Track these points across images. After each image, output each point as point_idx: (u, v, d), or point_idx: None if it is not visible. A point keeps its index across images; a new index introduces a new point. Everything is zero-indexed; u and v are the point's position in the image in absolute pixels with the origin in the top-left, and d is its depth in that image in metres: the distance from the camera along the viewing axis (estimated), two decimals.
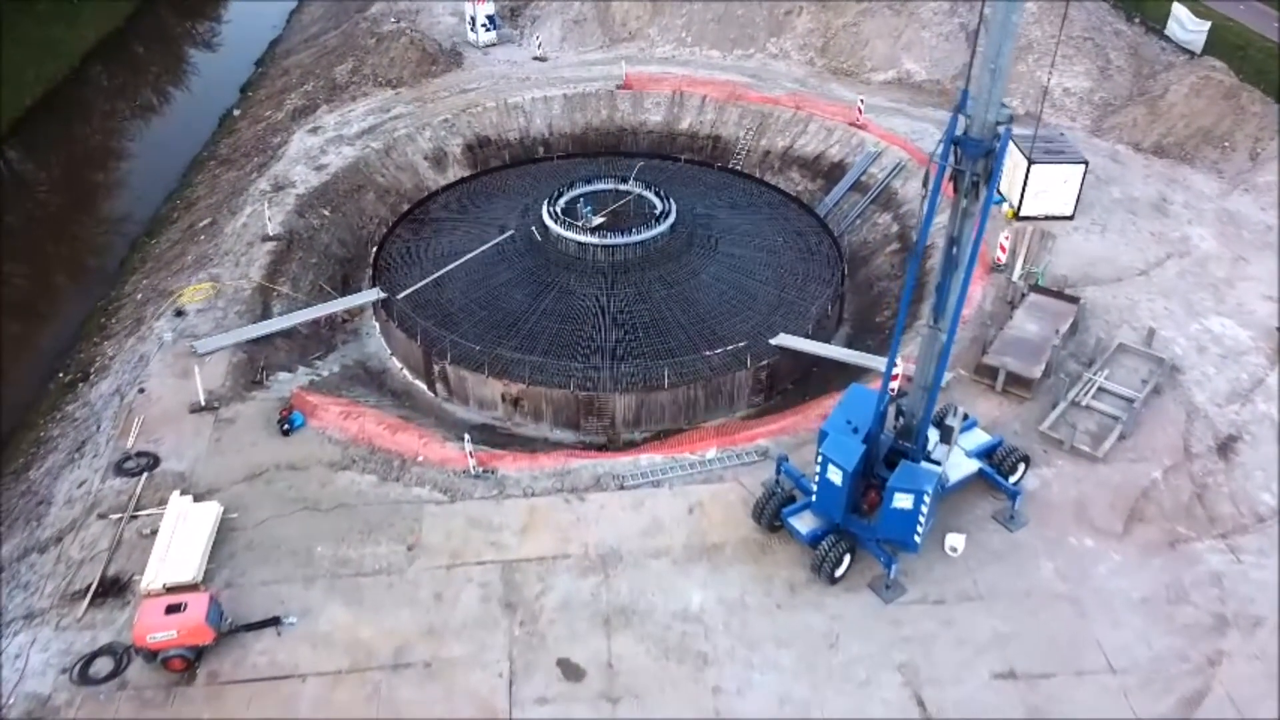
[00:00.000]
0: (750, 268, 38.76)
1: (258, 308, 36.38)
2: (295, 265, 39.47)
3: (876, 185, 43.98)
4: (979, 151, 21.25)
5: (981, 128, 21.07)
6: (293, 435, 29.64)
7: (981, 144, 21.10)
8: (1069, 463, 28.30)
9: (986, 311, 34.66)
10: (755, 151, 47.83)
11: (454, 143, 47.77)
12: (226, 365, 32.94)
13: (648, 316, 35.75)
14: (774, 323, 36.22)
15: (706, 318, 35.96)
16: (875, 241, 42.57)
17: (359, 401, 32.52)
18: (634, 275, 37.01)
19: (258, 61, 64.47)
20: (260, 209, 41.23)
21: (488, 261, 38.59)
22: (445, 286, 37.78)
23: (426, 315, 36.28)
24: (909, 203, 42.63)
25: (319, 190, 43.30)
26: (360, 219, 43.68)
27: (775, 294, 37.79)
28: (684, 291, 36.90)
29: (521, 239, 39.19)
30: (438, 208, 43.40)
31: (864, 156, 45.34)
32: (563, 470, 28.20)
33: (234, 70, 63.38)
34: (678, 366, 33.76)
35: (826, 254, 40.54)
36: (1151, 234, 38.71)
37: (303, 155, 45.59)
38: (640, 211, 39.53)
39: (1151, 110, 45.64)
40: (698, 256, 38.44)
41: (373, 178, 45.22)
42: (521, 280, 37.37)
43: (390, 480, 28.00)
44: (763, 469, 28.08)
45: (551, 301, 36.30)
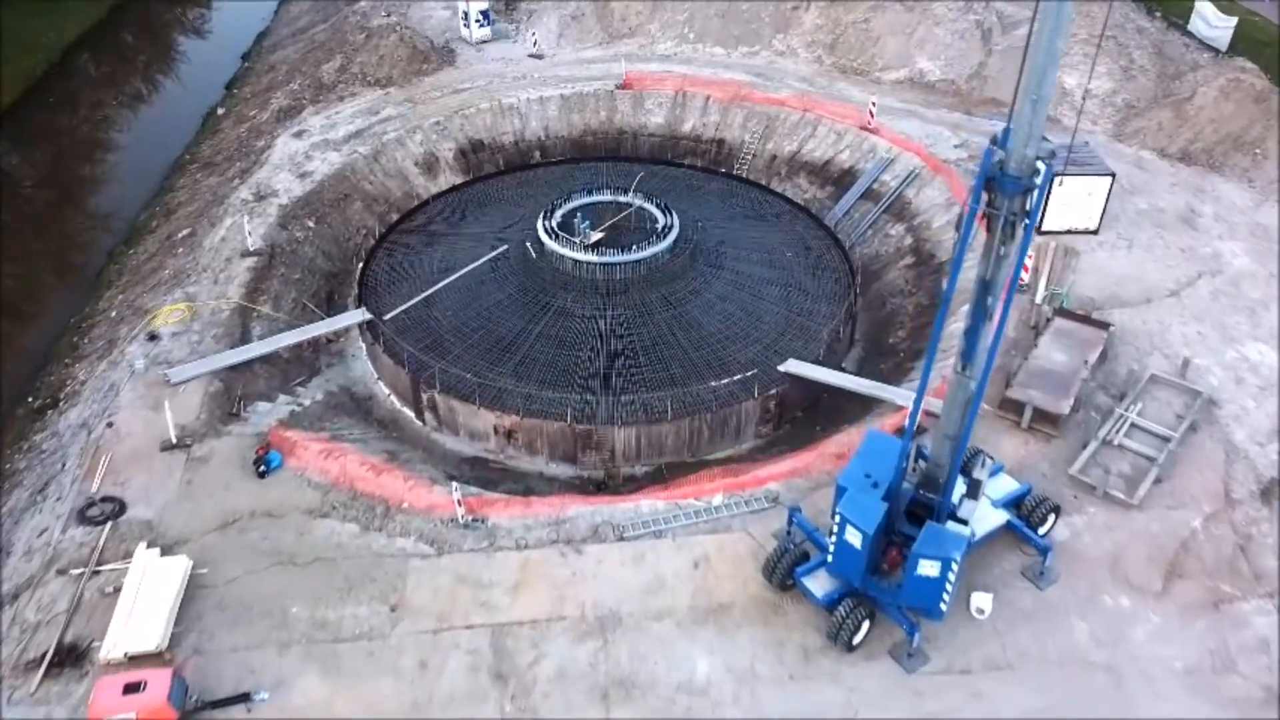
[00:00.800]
0: (757, 285, 36.72)
1: (236, 330, 34.35)
2: (277, 282, 37.40)
3: (889, 194, 41.86)
4: (1016, 190, 19.18)
5: (1020, 163, 19.00)
6: (269, 477, 27.69)
7: (1019, 182, 19.03)
8: (1101, 510, 26.36)
9: (1009, 338, 32.57)
10: (761, 156, 45.65)
11: (446, 147, 45.59)
12: (201, 395, 30.96)
13: (649, 340, 33.75)
14: (782, 345, 34.24)
15: (710, 341, 33.97)
16: (888, 254, 40.48)
17: (341, 437, 30.55)
18: (634, 295, 34.99)
19: (244, 56, 62.19)
20: (241, 220, 39.12)
21: (480, 279, 36.56)
22: (435, 306, 35.78)
23: (414, 338, 34.30)
24: (923, 213, 40.54)
25: (303, 200, 41.17)
26: (346, 230, 41.56)
27: (783, 314, 35.79)
28: (687, 312, 34.88)
29: (515, 255, 37.13)
30: (427, 219, 41.31)
31: (875, 163, 43.19)
32: (558, 519, 26.26)
33: (220, 65, 61.10)
34: (681, 396, 31.80)
35: (837, 269, 38.52)
36: (1181, 250, 36.63)
37: (287, 161, 43.44)
38: (641, 225, 37.44)
39: (1178, 114, 43.45)
40: (701, 273, 36.39)
41: (360, 185, 43.09)
42: (515, 300, 35.35)
43: (372, 530, 26.08)
44: (773, 517, 26.15)
45: (547, 324, 34.29)
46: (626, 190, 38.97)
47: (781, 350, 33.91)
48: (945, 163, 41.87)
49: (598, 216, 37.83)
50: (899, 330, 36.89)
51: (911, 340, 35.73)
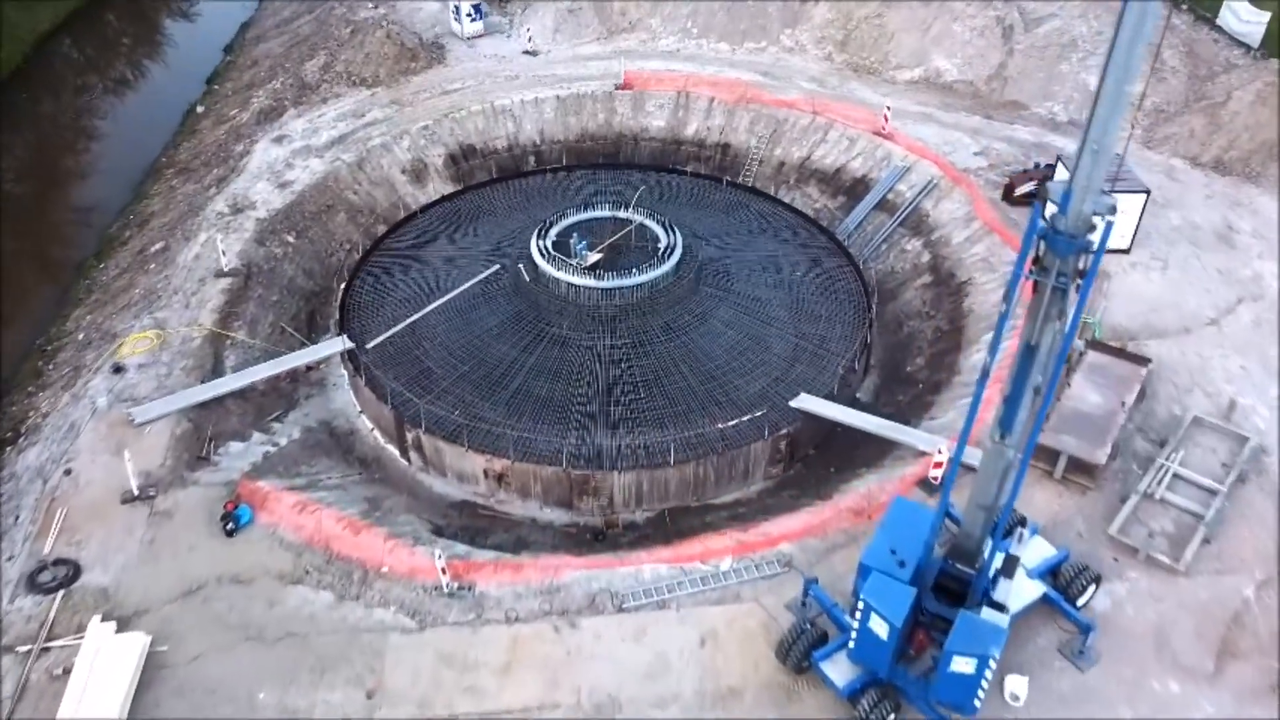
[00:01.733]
0: (765, 310, 34.36)
1: (208, 361, 32.05)
2: (253, 305, 35.05)
3: (905, 205, 39.42)
4: (1070, 250, 16.81)
5: (1075, 220, 16.61)
6: (239, 535, 25.49)
7: (1074, 241, 16.66)
8: (1144, 575, 24.17)
9: None
10: (769, 162, 43.16)
11: (435, 153, 43.09)
12: (168, 436, 28.74)
13: (650, 372, 31.45)
14: (793, 377, 31.95)
15: (716, 374, 31.66)
16: (904, 271, 38.11)
17: (318, 483, 28.33)
18: (635, 322, 32.65)
19: (227, 48, 59.38)
20: (217, 237, 36.72)
21: (470, 302, 34.20)
22: (422, 332, 33.44)
23: (399, 369, 32.01)
24: (942, 227, 38.12)
25: (283, 213, 38.74)
26: (329, 245, 39.15)
27: (793, 341, 33.45)
28: (691, 340, 32.55)
29: (508, 276, 34.73)
30: (414, 235, 38.85)
31: (890, 172, 40.71)
32: (551, 586, 24.05)
33: (201, 58, 58.30)
34: (685, 438, 29.53)
35: (851, 290, 36.13)
36: (1219, 271, 34.25)
37: (266, 169, 40.96)
38: (642, 243, 35.02)
39: (1211, 119, 40.92)
40: (706, 297, 34.02)
41: (344, 195, 40.64)
42: (508, 327, 33.00)
43: (349, 599, 23.88)
44: (787, 584, 23.96)
45: (542, 354, 31.96)
46: (626, 205, 36.50)
47: (792, 383, 31.63)
48: (964, 172, 39.41)
49: (595, 235, 35.40)
50: (917, 357, 34.58)
51: (931, 370, 33.44)
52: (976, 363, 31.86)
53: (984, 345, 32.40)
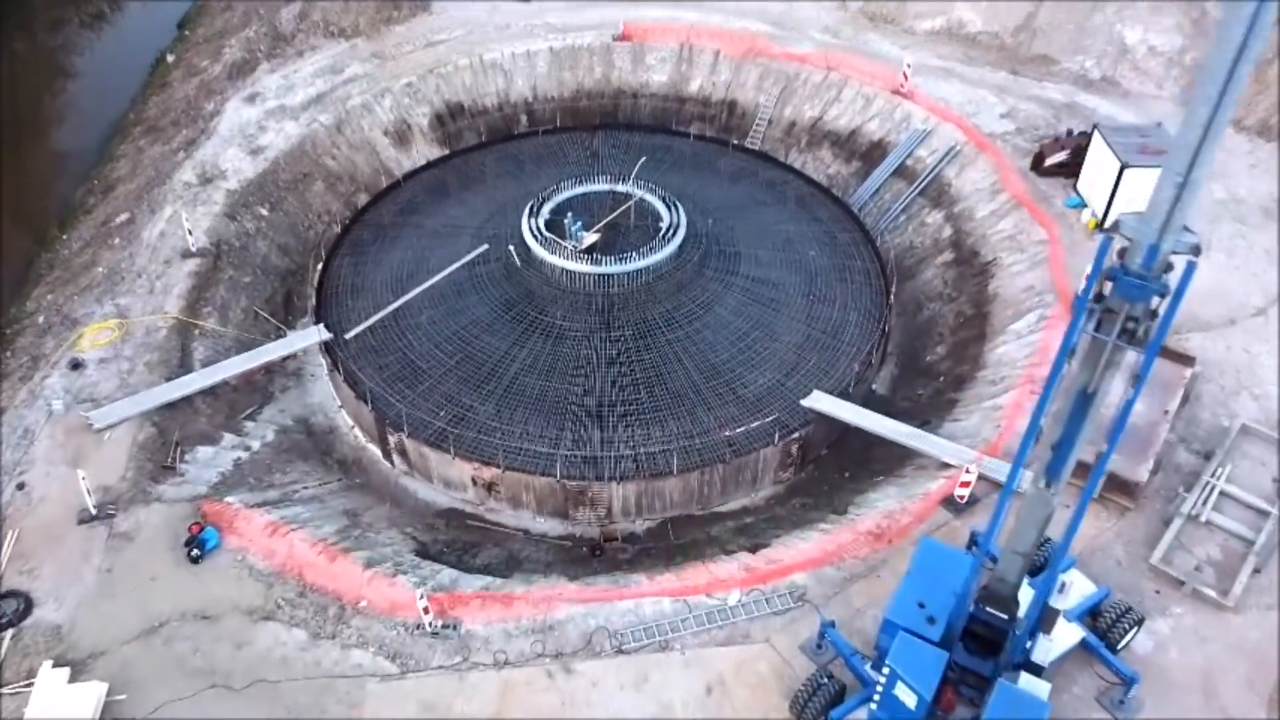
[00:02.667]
0: (775, 295, 31.86)
1: (174, 354, 29.73)
2: (223, 288, 32.59)
3: (925, 172, 36.64)
4: (1142, 296, 14.42)
5: (1150, 260, 14.17)
6: (204, 561, 23.45)
7: (1146, 285, 14.24)
8: (1190, 611, 22.21)
9: (1072, 370, 27.93)
10: (778, 123, 40.22)
11: (419, 112, 40.11)
12: (130, 442, 26.63)
13: (651, 369, 29.12)
14: (805, 371, 29.65)
15: (722, 369, 29.33)
16: (923, 247, 35.53)
17: (292, 496, 26.26)
18: (634, 312, 30.21)
19: None
20: (184, 210, 34.09)
21: (457, 288, 31.68)
22: (405, 321, 31.00)
23: (380, 364, 29.70)
24: (965, 199, 35.41)
25: (255, 183, 36.01)
26: (306, 217, 36.52)
27: (806, 330, 31.04)
28: (695, 331, 30.14)
29: (498, 256, 32.16)
30: (397, 207, 36.14)
31: (910, 136, 37.82)
32: (544, 623, 22.09)
33: None
34: (688, 445, 27.38)
35: (866, 271, 33.58)
36: (1266, 251, 31.71)
37: (237, 133, 38.04)
38: (642, 221, 32.37)
39: (1257, 78, 37.73)
40: (711, 282, 31.50)
41: (321, 161, 37.83)
42: (498, 317, 30.54)
43: (324, 638, 21.93)
44: (800, 621, 22.00)
45: (534, 347, 29.59)
46: (625, 178, 33.73)
47: (805, 378, 29.33)
48: (990, 137, 36.54)
49: (591, 211, 32.75)
50: (937, 345, 32.22)
51: (953, 361, 31.10)
52: (1002, 356, 29.56)
53: (1010, 336, 30.09)
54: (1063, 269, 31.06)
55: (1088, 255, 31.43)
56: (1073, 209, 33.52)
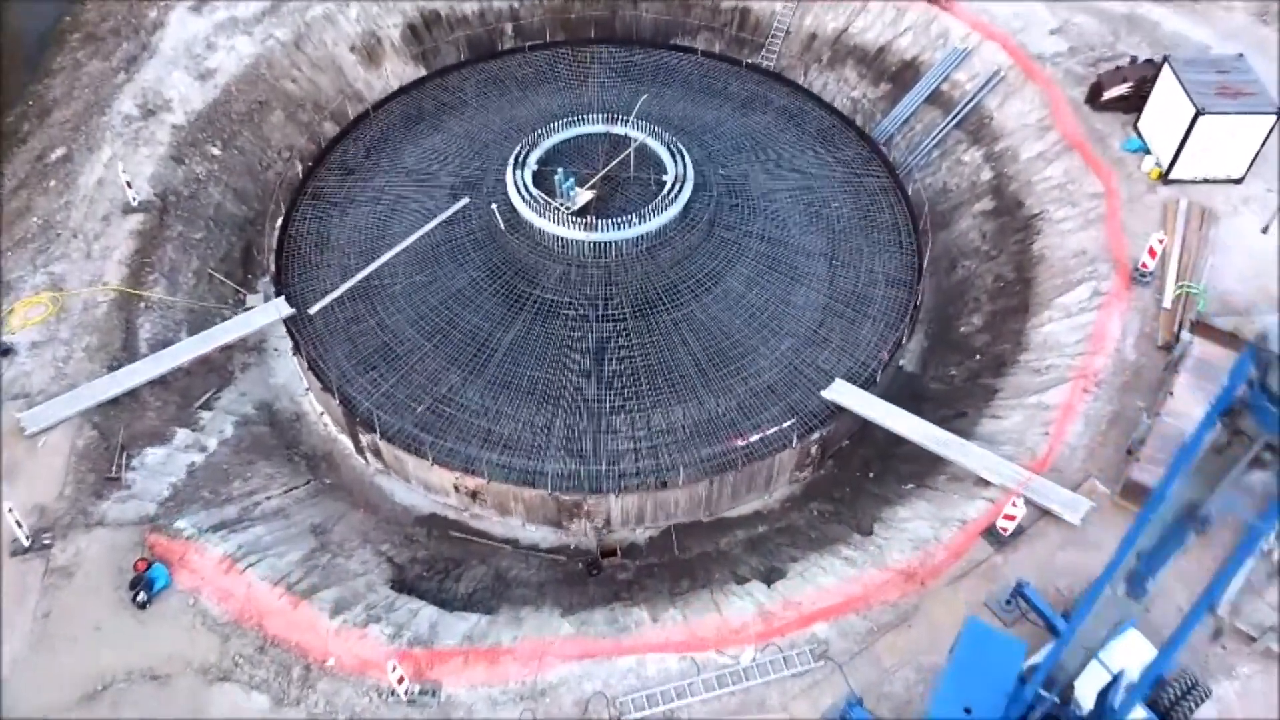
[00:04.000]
0: (792, 259, 28.28)
1: (116, 334, 26.42)
2: (171, 248, 28.94)
3: (962, 101, 32.39)
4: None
5: None
6: (153, 605, 20.88)
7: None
8: (1260, 673, 19.81)
9: (1129, 362, 24.80)
10: (797, 35, 35.56)
11: (390, 24, 35.34)
12: (68, 450, 23.70)
13: (653, 353, 25.91)
14: (826, 351, 26.48)
15: (732, 353, 26.11)
16: (958, 191, 31.65)
17: (253, 510, 23.52)
18: (634, 284, 26.75)
19: None
20: (124, 152, 30.11)
21: (434, 251, 28.08)
22: (375, 291, 27.57)
23: (348, 346, 26.44)
24: (1008, 135, 31.32)
25: (204, 116, 31.80)
26: (264, 154, 32.41)
27: (825, 300, 27.64)
28: (703, 309, 26.75)
29: (480, 213, 28.41)
30: (365, 144, 32.02)
31: (946, 55, 33.33)
32: (534, 687, 19.68)
33: None
34: (695, 443, 24.49)
35: (895, 224, 29.88)
36: None
37: (183, 51, 33.45)
38: (643, 171, 28.47)
39: None
40: (721, 246, 27.86)
41: (280, 86, 33.42)
42: (480, 289, 27.08)
43: (288, 703, 19.55)
44: (822, 685, 19.59)
45: (522, 328, 26.28)
46: (623, 116, 29.56)
47: (826, 362, 26.17)
48: (1039, 60, 32.10)
49: (585, 159, 28.79)
50: (973, 314, 28.85)
51: (991, 335, 27.81)
52: (1048, 337, 26.27)
53: (1058, 312, 26.71)
54: (1120, 232, 27.39)
55: (1149, 214, 27.90)
56: (1132, 153, 29.50)
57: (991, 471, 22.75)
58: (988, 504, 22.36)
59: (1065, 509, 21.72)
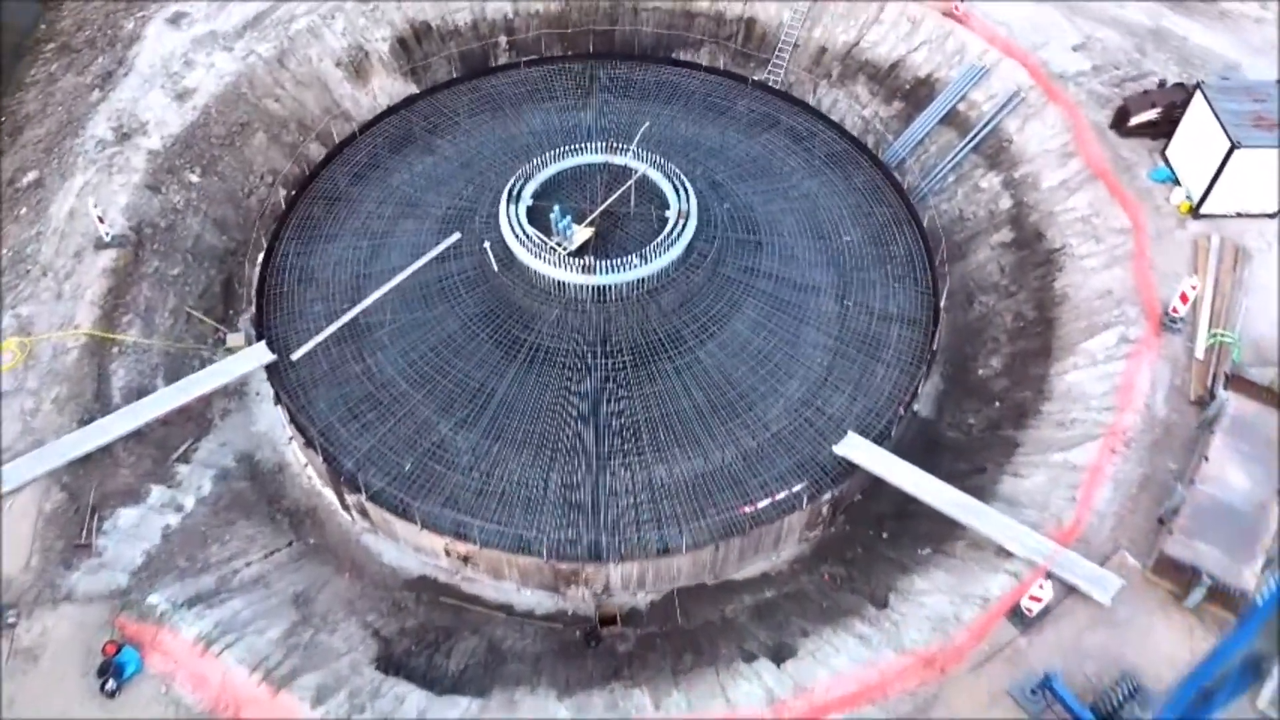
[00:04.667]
0: (802, 300, 26.81)
1: (88, 382, 25.07)
2: (147, 286, 27.49)
3: (980, 123, 30.80)
4: None
5: None
6: (122, 695, 19.63)
7: None
8: None
9: (1160, 418, 23.40)
10: (806, 48, 33.89)
11: (378, 36, 33.68)
12: (35, 514, 22.39)
13: (655, 405, 24.51)
14: (838, 400, 25.06)
15: (739, 404, 24.70)
16: (975, 220, 30.13)
17: (234, 578, 22.23)
18: (635, 329, 25.30)
19: None
20: (97, 180, 28.60)
21: (424, 290, 26.61)
22: (362, 334, 26.15)
23: (333, 396, 25.05)
24: (1028, 161, 29.77)
25: (182, 140, 30.24)
26: (246, 180, 30.85)
27: (836, 344, 26.20)
28: (708, 355, 25.31)
29: (471, 252, 26.91)
30: (351, 169, 30.43)
31: (963, 73, 31.70)
32: None
33: None
34: (699, 506, 23.17)
35: (910, 257, 28.39)
36: None
37: (160, 69, 31.84)
38: (644, 205, 26.94)
39: None
40: (728, 286, 26.38)
41: (262, 106, 31.80)
42: (472, 334, 25.63)
43: None
44: None
45: (516, 377, 24.86)
46: (623, 144, 27.99)
47: (838, 412, 24.78)
48: (1061, 80, 30.50)
49: (583, 190, 27.27)
50: (992, 355, 27.42)
51: (1011, 380, 26.39)
52: (1073, 387, 24.86)
53: (1082, 359, 25.28)
54: (1148, 271, 25.92)
55: (1178, 251, 26.41)
56: (1159, 183, 27.96)
57: (1015, 542, 21.40)
58: (1011, 579, 21.05)
59: (1094, 587, 20.41)
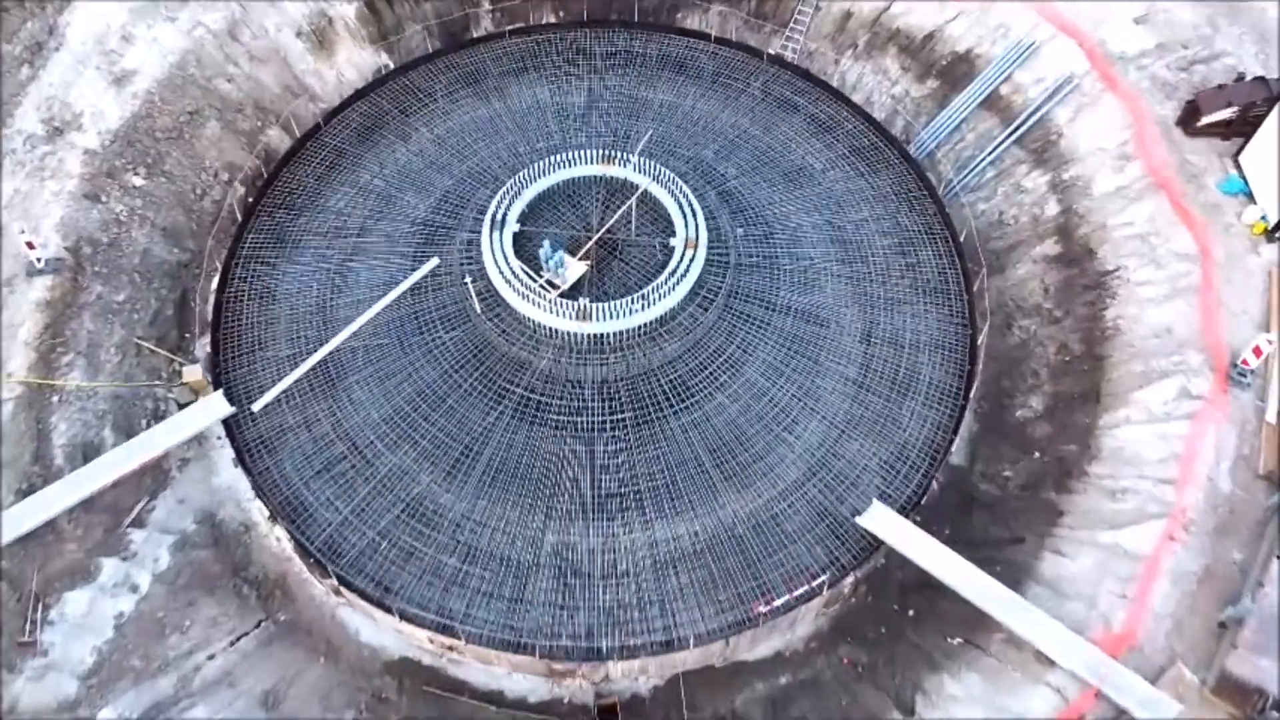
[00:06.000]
0: (822, 338, 23.93)
1: (26, 442, 22.54)
2: (90, 317, 24.55)
3: (1026, 109, 27.29)
4: None
5: None
6: None
7: None
8: None
9: (1224, 494, 20.92)
10: (828, 14, 29.92)
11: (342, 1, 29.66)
12: None
13: (660, 470, 22.04)
14: (862, 460, 22.57)
15: (754, 467, 22.21)
16: (1017, 225, 26.93)
17: (195, 676, 20.18)
18: (637, 382, 22.59)
19: None
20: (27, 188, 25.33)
21: (400, 327, 23.73)
22: (331, 381, 23.41)
23: (300, 455, 22.54)
24: (1079, 160, 26.43)
25: (122, 135, 26.74)
26: (198, 178, 27.44)
27: (858, 390, 23.47)
28: (718, 410, 22.66)
29: (452, 281, 23.91)
30: (315, 171, 27.03)
31: (1008, 50, 27.98)
32: None
33: None
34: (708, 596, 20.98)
35: (944, 279, 25.41)
36: None
37: (93, 47, 27.89)
38: (646, 226, 23.81)
39: None
40: (740, 325, 23.49)
41: (213, 86, 28.11)
42: (454, 385, 22.90)
43: None
44: None
45: (503, 438, 22.27)
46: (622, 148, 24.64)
47: (863, 473, 22.30)
48: (1121, 63, 26.83)
49: (577, 210, 24.08)
50: (1031, 395, 24.68)
51: (1054, 428, 23.72)
52: (1126, 446, 22.30)
53: (1138, 412, 22.63)
54: (1215, 309, 23.02)
55: (1250, 283, 23.47)
56: (1230, 196, 24.73)
57: (1059, 649, 19.25)
58: (1054, 695, 19.00)
59: (1148, 711, 18.36)
